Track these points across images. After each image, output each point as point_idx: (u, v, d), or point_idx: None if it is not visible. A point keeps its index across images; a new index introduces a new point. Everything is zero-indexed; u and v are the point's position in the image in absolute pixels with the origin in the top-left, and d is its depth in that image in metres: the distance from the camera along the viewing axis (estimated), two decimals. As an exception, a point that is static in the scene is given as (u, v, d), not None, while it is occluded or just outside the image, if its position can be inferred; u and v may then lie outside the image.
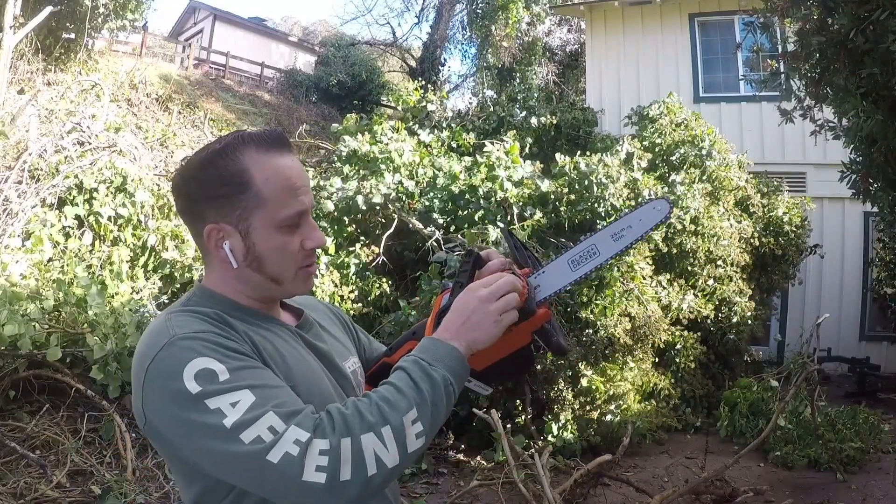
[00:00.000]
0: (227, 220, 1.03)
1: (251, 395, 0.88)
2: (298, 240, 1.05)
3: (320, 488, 0.84)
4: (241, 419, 0.86)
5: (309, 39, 27.27)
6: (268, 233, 1.03)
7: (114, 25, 11.39)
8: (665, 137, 7.86)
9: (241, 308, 1.07)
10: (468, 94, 18.72)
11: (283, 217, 1.02)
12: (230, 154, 1.02)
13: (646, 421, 5.75)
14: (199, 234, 1.06)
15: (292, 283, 1.08)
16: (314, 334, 1.16)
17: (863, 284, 9.61)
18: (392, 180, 6.94)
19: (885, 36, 2.64)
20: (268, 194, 1.01)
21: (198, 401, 0.88)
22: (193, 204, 1.06)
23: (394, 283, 6.70)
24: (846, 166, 3.33)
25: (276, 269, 1.05)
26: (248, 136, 1.04)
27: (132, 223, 6.31)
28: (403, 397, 0.92)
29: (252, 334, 1.01)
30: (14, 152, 6.92)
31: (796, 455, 5.38)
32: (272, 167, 1.03)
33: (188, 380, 0.89)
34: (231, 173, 1.01)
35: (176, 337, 0.93)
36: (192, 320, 0.97)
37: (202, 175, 1.03)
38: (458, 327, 1.01)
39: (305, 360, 1.08)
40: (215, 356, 0.91)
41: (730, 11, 9.64)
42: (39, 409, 4.22)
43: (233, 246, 1.03)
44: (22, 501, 3.49)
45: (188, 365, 0.90)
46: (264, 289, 1.07)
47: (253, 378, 0.91)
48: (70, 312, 4.62)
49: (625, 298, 5.95)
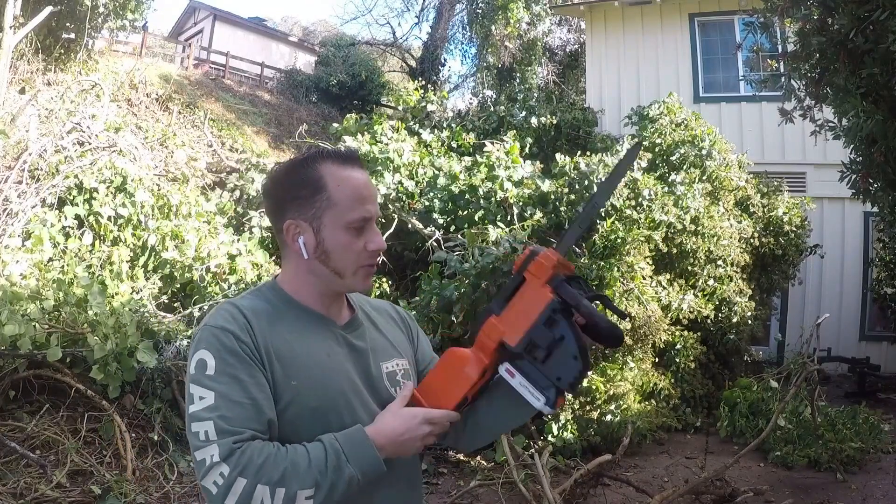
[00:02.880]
0: (303, 218, 1.21)
1: (213, 399, 1.09)
2: (363, 242, 1.22)
3: (212, 497, 1.07)
4: (196, 412, 1.10)
5: (309, 39, 27.27)
6: (335, 231, 1.21)
7: (114, 25, 11.37)
8: (665, 137, 7.86)
9: (295, 305, 1.25)
10: (468, 94, 18.71)
11: (349, 219, 1.21)
12: (310, 164, 1.22)
13: (646, 421, 5.75)
14: (280, 230, 1.24)
15: (352, 278, 1.24)
16: (358, 334, 1.30)
17: (863, 284, 9.61)
18: (392, 180, 6.94)
19: (885, 36, 2.64)
20: (338, 199, 1.20)
21: (190, 381, 1.13)
22: (278, 204, 1.25)
23: (394, 283, 6.70)
24: (846, 166, 3.33)
25: (340, 263, 1.22)
26: (327, 152, 1.25)
27: (132, 223, 6.31)
28: (310, 473, 1.08)
29: (272, 335, 1.18)
30: (14, 152, 6.92)
31: (796, 455, 5.37)
32: (344, 177, 1.22)
33: (193, 361, 1.14)
34: (310, 178, 1.21)
35: (208, 325, 1.17)
36: (225, 314, 1.18)
37: (286, 179, 1.24)
38: (394, 439, 1.16)
39: (323, 359, 1.21)
40: (216, 353, 1.13)
41: (730, 11, 9.64)
42: (39, 409, 4.22)
43: (306, 240, 1.22)
44: (22, 501, 3.49)
45: (199, 351, 1.14)
46: (328, 280, 1.24)
47: (224, 386, 1.10)
48: (70, 312, 4.61)
49: (625, 298, 5.94)
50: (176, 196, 6.76)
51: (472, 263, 5.32)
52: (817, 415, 5.47)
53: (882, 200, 3.41)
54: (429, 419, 1.18)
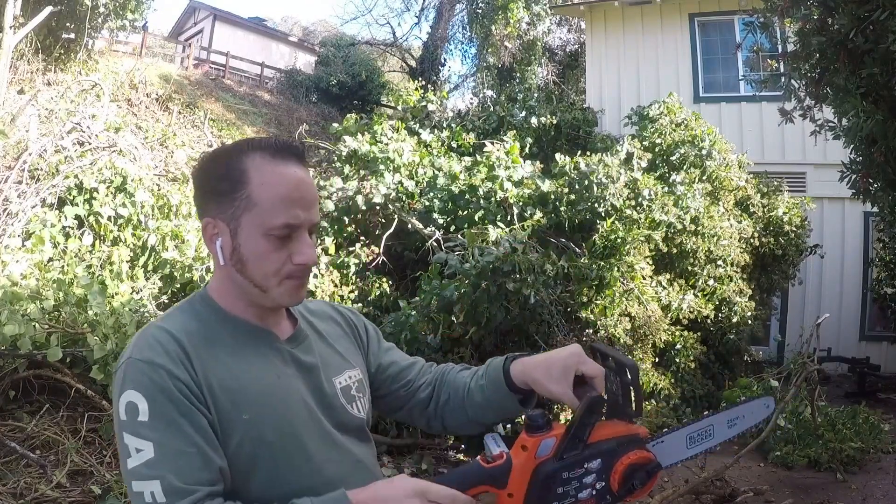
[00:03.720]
0: (221, 217, 1.04)
1: (152, 452, 0.92)
2: (286, 253, 1.03)
3: None
4: (136, 468, 0.92)
5: (309, 39, 27.28)
6: (254, 238, 1.02)
7: (114, 25, 11.39)
8: (665, 137, 7.86)
9: (230, 320, 1.08)
10: (468, 94, 18.72)
11: (270, 225, 1.01)
12: (236, 154, 1.04)
13: (646, 421, 5.75)
14: (203, 227, 1.09)
15: (276, 292, 1.05)
16: (304, 347, 1.13)
17: (863, 284, 9.61)
18: (392, 180, 6.94)
19: (885, 36, 2.64)
20: (259, 199, 1.01)
21: (121, 429, 0.95)
22: (199, 197, 1.09)
23: (394, 283, 6.70)
24: (846, 166, 3.33)
25: (258, 275, 1.04)
26: (258, 142, 1.06)
27: (132, 223, 6.31)
28: None
29: (211, 362, 1.01)
30: (14, 152, 6.92)
31: (796, 455, 5.37)
32: (272, 174, 1.02)
33: (121, 405, 0.95)
34: (232, 171, 1.03)
35: (132, 359, 0.98)
36: (152, 344, 0.99)
37: (207, 169, 1.08)
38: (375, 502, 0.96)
39: (271, 383, 1.05)
40: (147, 395, 0.94)
41: (730, 11, 9.64)
42: (39, 409, 4.21)
43: (223, 243, 1.05)
44: (22, 501, 3.48)
45: (126, 392, 0.95)
46: (249, 292, 1.07)
47: (164, 433, 0.93)
48: (70, 312, 4.61)
49: (625, 298, 5.95)
50: (176, 196, 6.76)
51: (472, 263, 5.32)
52: (817, 415, 5.47)
53: (882, 200, 3.41)
54: (424, 492, 0.94)
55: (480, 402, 1.21)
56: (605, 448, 0.94)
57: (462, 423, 1.26)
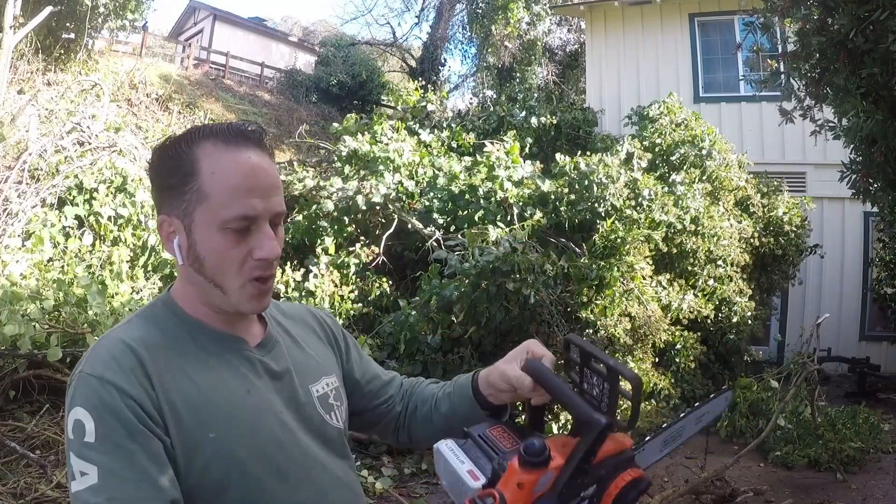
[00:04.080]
0: (175, 213, 0.96)
1: (95, 477, 0.84)
2: (247, 248, 0.94)
3: None
4: (80, 493, 0.84)
5: (309, 39, 27.28)
6: (208, 232, 0.94)
7: (114, 25, 11.40)
8: (665, 137, 7.87)
9: (195, 327, 1.00)
10: (468, 94, 18.72)
11: (223, 218, 0.92)
12: (186, 144, 0.96)
13: (646, 421, 5.74)
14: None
15: (238, 296, 0.96)
16: (275, 354, 1.05)
17: (863, 284, 9.62)
18: (392, 180, 6.94)
19: (885, 36, 2.64)
20: (210, 190, 0.93)
21: (68, 447, 0.88)
22: (154, 191, 1.01)
23: (394, 283, 6.70)
24: (846, 166, 3.33)
25: (217, 274, 0.95)
26: (209, 128, 0.97)
27: (132, 223, 6.31)
28: None
29: (172, 376, 0.92)
30: (14, 152, 6.92)
31: (796, 455, 5.38)
32: (224, 162, 0.94)
33: (69, 421, 0.88)
34: (182, 163, 0.94)
35: (83, 373, 0.90)
36: (106, 358, 0.90)
37: (158, 162, 0.98)
38: None
39: (240, 396, 0.97)
40: (94, 414, 0.86)
41: (730, 11, 9.64)
42: (39, 409, 4.22)
43: (180, 241, 0.96)
44: (22, 501, 3.48)
45: (74, 409, 0.88)
46: (211, 294, 0.98)
47: (110, 457, 0.85)
48: (70, 312, 4.61)
49: (625, 298, 5.95)
50: (176, 196, 6.76)
51: (472, 263, 5.32)
52: (817, 415, 5.47)
53: (882, 200, 3.41)
54: None
55: (446, 411, 1.16)
56: (602, 473, 0.89)
57: (428, 433, 1.19)
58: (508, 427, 0.99)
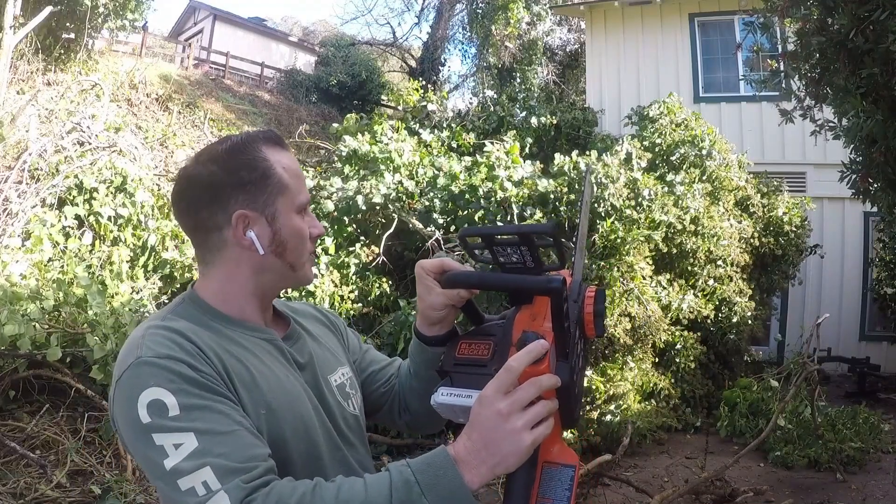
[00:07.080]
0: (252, 207, 1.05)
1: (195, 441, 0.85)
2: (307, 227, 1.11)
3: None
4: (179, 465, 0.84)
5: (309, 39, 27.28)
6: (290, 217, 1.07)
7: (114, 25, 11.40)
8: (665, 137, 7.86)
9: (230, 322, 1.06)
10: (468, 94, 18.72)
11: (301, 202, 1.09)
12: (251, 145, 1.07)
13: (646, 421, 5.75)
14: (217, 226, 1.04)
15: (305, 269, 1.11)
16: (299, 347, 1.14)
17: (863, 284, 9.62)
18: (392, 180, 6.93)
19: (885, 36, 2.64)
20: (287, 181, 1.07)
21: (147, 433, 0.87)
22: (215, 194, 1.04)
23: (394, 283, 6.69)
24: (846, 166, 3.33)
25: (295, 254, 1.09)
26: (255, 134, 1.10)
27: (132, 223, 6.31)
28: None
29: (226, 357, 0.97)
30: (14, 152, 6.92)
31: (796, 455, 5.38)
32: (284, 160, 1.09)
33: (141, 407, 0.87)
34: (257, 162, 1.06)
35: (141, 359, 0.90)
36: (163, 341, 0.93)
37: (232, 162, 1.05)
38: (479, 452, 0.82)
39: (282, 380, 1.04)
40: (171, 387, 0.88)
41: (730, 11, 9.65)
42: (39, 409, 4.22)
43: (259, 232, 1.05)
44: (22, 501, 3.48)
45: (144, 392, 0.87)
46: (281, 276, 1.10)
47: (202, 420, 0.86)
48: (70, 312, 4.62)
49: (625, 298, 5.95)
50: (176, 196, 6.76)
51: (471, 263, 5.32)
52: (817, 415, 5.47)
53: (882, 200, 3.41)
54: (499, 389, 0.83)
55: (416, 370, 1.21)
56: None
57: (417, 402, 1.22)
58: (467, 339, 1.01)
